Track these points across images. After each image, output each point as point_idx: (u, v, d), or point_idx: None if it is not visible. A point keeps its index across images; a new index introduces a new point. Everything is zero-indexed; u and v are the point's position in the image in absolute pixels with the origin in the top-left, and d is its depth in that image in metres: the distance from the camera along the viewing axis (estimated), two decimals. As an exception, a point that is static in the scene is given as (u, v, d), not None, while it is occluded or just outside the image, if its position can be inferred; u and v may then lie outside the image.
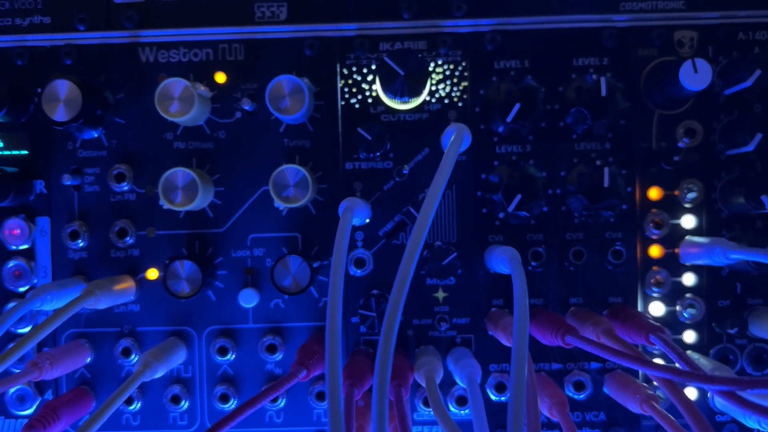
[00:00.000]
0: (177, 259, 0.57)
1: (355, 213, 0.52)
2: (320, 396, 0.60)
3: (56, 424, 0.54)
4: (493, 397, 0.60)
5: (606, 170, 0.56)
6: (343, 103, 0.61)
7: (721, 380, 0.43)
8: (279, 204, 0.57)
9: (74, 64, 0.60)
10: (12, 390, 0.61)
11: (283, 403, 0.61)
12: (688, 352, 0.60)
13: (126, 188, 0.61)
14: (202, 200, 0.58)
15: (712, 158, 0.60)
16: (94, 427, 0.48)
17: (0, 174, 0.58)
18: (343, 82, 0.61)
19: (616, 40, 0.60)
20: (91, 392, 0.61)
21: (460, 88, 0.60)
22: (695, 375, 0.43)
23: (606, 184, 0.56)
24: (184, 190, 0.56)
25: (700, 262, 0.58)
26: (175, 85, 0.56)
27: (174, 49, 0.61)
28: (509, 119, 0.56)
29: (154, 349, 0.56)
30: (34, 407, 0.62)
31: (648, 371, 0.45)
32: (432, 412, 0.59)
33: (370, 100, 0.61)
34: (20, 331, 0.61)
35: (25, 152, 0.62)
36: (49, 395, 0.61)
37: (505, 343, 0.55)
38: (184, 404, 0.61)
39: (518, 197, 0.56)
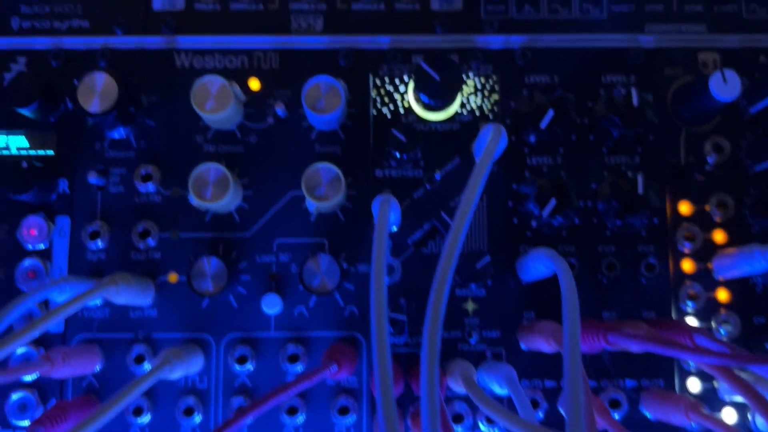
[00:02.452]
0: (204, 255, 0.55)
1: (391, 206, 0.51)
2: (343, 411, 0.57)
3: (63, 424, 0.50)
4: (525, 416, 0.58)
5: (640, 177, 0.56)
6: (374, 112, 0.61)
7: (782, 360, 0.41)
8: (311, 203, 0.56)
9: (109, 66, 0.61)
10: (14, 397, 0.57)
11: (302, 419, 0.57)
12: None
13: (152, 189, 0.60)
14: (231, 199, 0.57)
15: (741, 174, 0.61)
16: (104, 418, 0.44)
17: (27, 166, 0.56)
18: (375, 91, 0.62)
19: (643, 59, 0.61)
20: (99, 402, 0.57)
21: (491, 100, 0.61)
22: (755, 358, 0.42)
23: (640, 190, 0.56)
24: (215, 185, 0.56)
25: (736, 272, 0.57)
26: (213, 83, 0.57)
27: (209, 55, 0.62)
28: (543, 125, 0.57)
29: (174, 347, 0.53)
30: (35, 419, 0.58)
31: (702, 359, 0.43)
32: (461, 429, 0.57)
33: (402, 110, 0.61)
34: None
35: (51, 152, 0.61)
36: (53, 404, 0.58)
37: (545, 348, 0.53)
38: (198, 417, 0.57)
39: (553, 202, 0.56)
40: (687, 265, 0.60)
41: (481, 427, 0.58)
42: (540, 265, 0.52)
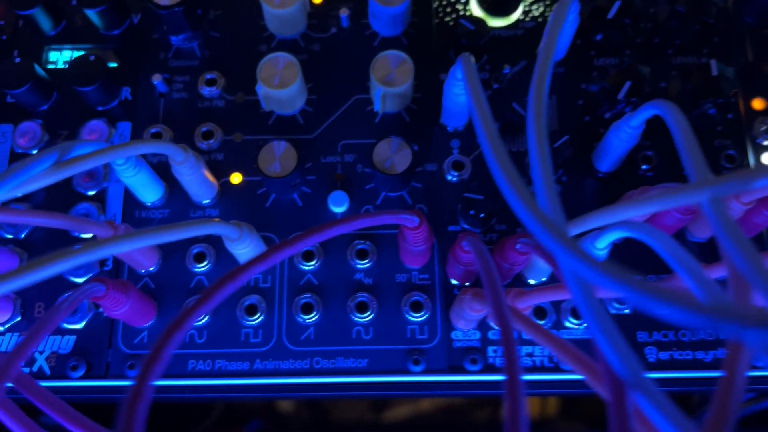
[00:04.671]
0: (274, 139, 0.54)
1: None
2: (415, 306, 0.53)
3: (122, 298, 0.47)
4: (612, 311, 0.53)
5: (713, 62, 0.55)
6: (437, 21, 0.62)
7: None
8: (379, 89, 0.55)
9: (176, -15, 0.62)
10: (66, 296, 0.53)
11: (371, 317, 0.53)
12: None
13: (215, 94, 0.59)
14: (298, 92, 0.56)
15: (812, 72, 0.60)
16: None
17: (95, 59, 0.56)
18: (437, 3, 0.62)
19: (702, -29, 0.62)
20: (155, 301, 0.54)
21: (553, 7, 0.62)
22: None
23: (714, 72, 0.55)
24: (283, 72, 0.55)
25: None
26: (281, -20, 0.57)
27: (274, -27, 0.63)
28: (610, 16, 0.57)
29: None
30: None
31: None
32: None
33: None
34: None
35: (115, 64, 0.61)
36: (107, 302, 0.54)
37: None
38: (260, 317, 0.53)
39: (628, 84, 0.55)
40: (768, 159, 0.57)
41: (568, 324, 0.53)
42: (626, 126, 0.50)
